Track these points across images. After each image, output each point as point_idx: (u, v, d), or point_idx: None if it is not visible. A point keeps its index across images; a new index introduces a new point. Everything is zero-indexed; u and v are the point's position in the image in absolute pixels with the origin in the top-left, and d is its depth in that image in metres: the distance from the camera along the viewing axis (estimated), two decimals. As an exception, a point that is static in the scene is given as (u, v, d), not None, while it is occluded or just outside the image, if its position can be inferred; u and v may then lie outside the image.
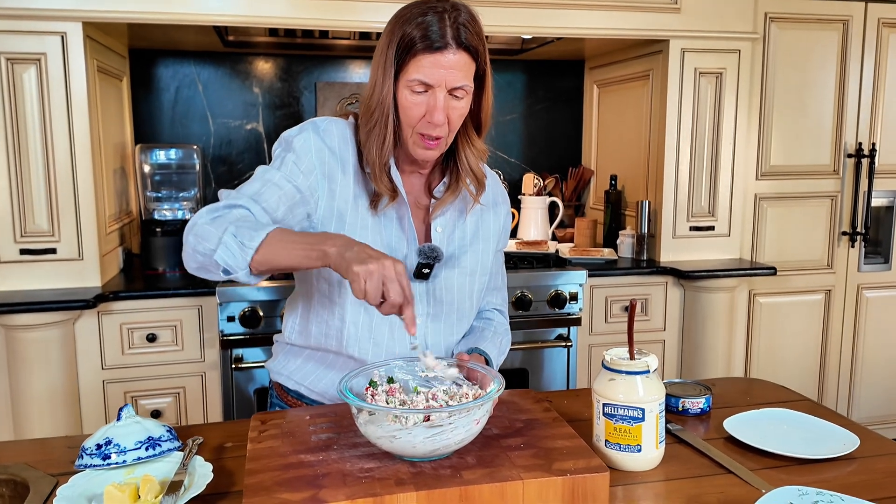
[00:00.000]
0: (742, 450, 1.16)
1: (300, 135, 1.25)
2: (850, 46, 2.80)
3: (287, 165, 1.22)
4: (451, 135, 1.25)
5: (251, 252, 1.07)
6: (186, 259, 1.15)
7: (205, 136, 2.96)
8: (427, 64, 1.16)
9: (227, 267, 1.08)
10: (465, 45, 1.17)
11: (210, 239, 1.09)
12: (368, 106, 1.23)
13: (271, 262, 1.08)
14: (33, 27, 2.13)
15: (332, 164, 1.25)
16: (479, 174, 1.32)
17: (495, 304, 1.50)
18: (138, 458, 1.02)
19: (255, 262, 1.08)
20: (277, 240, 1.07)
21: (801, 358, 2.94)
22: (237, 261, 1.07)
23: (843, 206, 2.91)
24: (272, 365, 1.42)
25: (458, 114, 1.21)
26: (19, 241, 2.19)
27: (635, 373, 1.07)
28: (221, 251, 1.07)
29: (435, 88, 1.17)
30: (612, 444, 1.08)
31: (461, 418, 0.98)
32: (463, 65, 1.17)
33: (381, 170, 1.24)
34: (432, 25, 1.15)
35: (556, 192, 3.23)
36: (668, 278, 2.67)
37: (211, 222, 1.11)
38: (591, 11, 2.51)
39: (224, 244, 1.07)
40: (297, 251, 1.06)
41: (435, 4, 1.18)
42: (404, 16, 1.19)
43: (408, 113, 1.20)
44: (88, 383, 2.25)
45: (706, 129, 2.69)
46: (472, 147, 1.29)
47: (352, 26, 2.37)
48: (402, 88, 1.19)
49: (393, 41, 1.18)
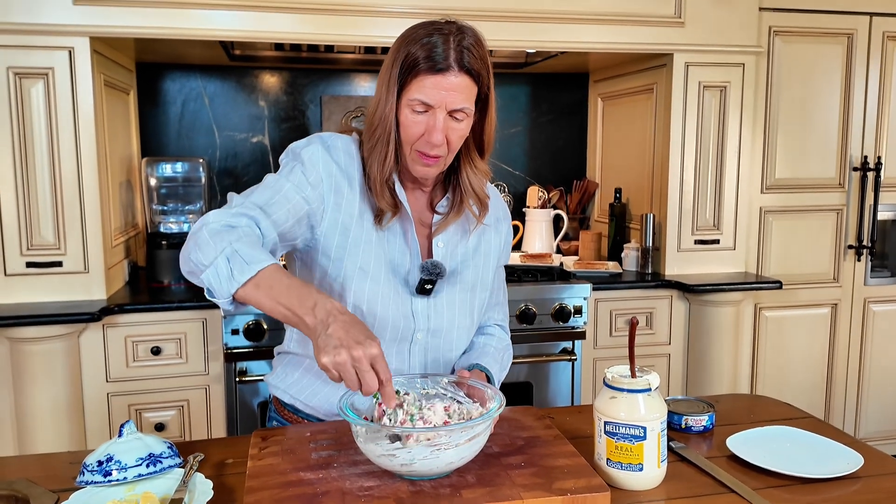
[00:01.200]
0: (745, 468, 1.15)
1: (308, 147, 1.26)
2: (854, 60, 2.79)
3: (296, 175, 1.22)
4: (451, 155, 1.25)
5: (237, 286, 1.05)
6: (182, 260, 1.14)
7: (211, 148, 2.98)
8: (429, 85, 1.17)
9: (211, 290, 1.07)
10: (467, 69, 1.18)
11: (206, 253, 1.07)
12: (371, 122, 1.24)
13: (253, 303, 1.07)
14: (41, 42, 2.15)
15: (338, 179, 1.25)
16: (481, 195, 1.32)
17: (496, 320, 1.49)
18: (139, 475, 1.02)
19: (239, 296, 1.07)
20: (266, 284, 1.05)
21: (808, 372, 2.93)
22: (222, 288, 1.06)
23: (849, 220, 2.90)
24: (270, 379, 1.42)
25: (457, 135, 1.22)
26: (25, 253, 2.21)
27: (637, 391, 1.07)
28: (211, 273, 1.06)
29: (435, 109, 1.18)
30: (613, 463, 1.07)
31: (461, 437, 0.97)
32: (464, 88, 1.18)
33: (383, 185, 1.24)
34: (437, 47, 1.16)
35: (560, 204, 3.23)
36: (673, 292, 2.66)
37: (214, 234, 1.09)
38: (596, 26, 2.52)
39: (216, 266, 1.06)
40: (278, 307, 1.05)
41: (441, 26, 1.20)
42: (410, 36, 1.20)
43: (407, 131, 1.21)
44: (93, 396, 2.26)
45: (710, 142, 2.69)
46: (474, 168, 1.30)
47: (356, 41, 2.38)
48: (404, 107, 1.20)
49: (397, 60, 1.19)
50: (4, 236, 2.19)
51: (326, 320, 1.02)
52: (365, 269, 1.26)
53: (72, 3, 2.16)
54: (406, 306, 1.28)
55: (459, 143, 1.24)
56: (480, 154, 1.30)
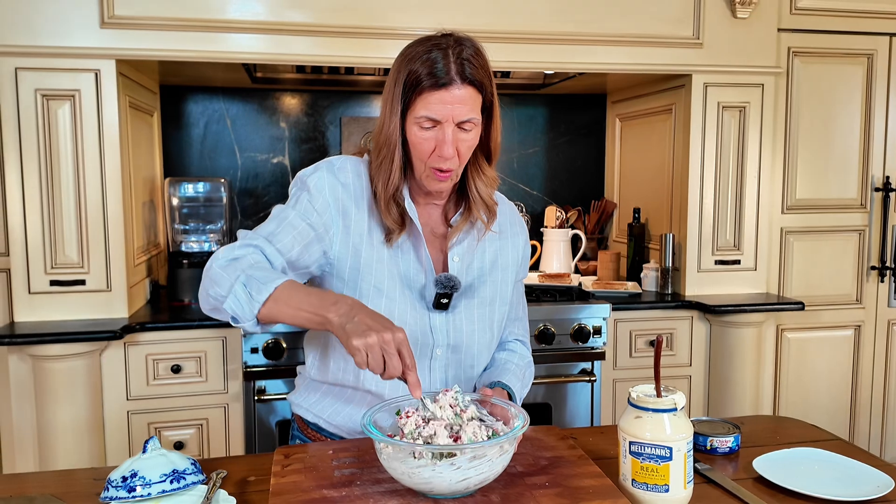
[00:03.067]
0: (772, 491, 1.14)
1: (314, 174, 1.28)
2: (875, 80, 2.78)
3: (302, 204, 1.25)
4: (462, 166, 1.26)
5: (258, 305, 1.09)
6: (201, 300, 1.18)
7: (232, 169, 3.02)
8: (434, 101, 1.18)
9: (235, 316, 1.11)
10: (469, 80, 1.19)
11: (222, 285, 1.12)
12: (377, 142, 1.26)
13: (276, 317, 1.10)
14: (68, 65, 2.20)
15: (345, 201, 1.27)
16: (489, 202, 1.33)
17: (517, 335, 1.49)
18: (163, 491, 1.02)
19: (262, 315, 1.10)
20: (285, 296, 1.09)
21: (832, 394, 2.88)
22: (244, 312, 1.10)
23: (872, 241, 2.87)
24: (293, 397, 1.43)
25: (466, 146, 1.23)
26: (49, 272, 2.23)
27: (662, 410, 1.06)
28: (231, 300, 1.10)
29: (443, 124, 1.19)
30: (639, 484, 1.06)
31: (484, 456, 0.97)
32: (469, 98, 1.19)
33: (389, 202, 1.25)
34: (437, 63, 1.18)
35: (578, 224, 3.22)
36: (694, 312, 2.64)
37: (225, 267, 1.14)
38: (615, 47, 2.53)
39: (234, 293, 1.10)
40: (300, 312, 1.08)
41: (439, 41, 1.21)
42: (409, 54, 1.22)
43: (418, 148, 1.22)
44: (113, 414, 2.27)
45: (730, 162, 2.68)
46: (482, 176, 1.31)
47: (378, 63, 2.41)
48: (411, 125, 1.21)
49: (399, 80, 1.21)
50: (29, 255, 2.22)
51: (350, 312, 1.05)
52: (379, 287, 1.26)
53: (98, 26, 2.21)
54: (424, 322, 1.28)
55: (469, 154, 1.25)
56: (488, 161, 1.31)
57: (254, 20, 2.29)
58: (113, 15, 2.20)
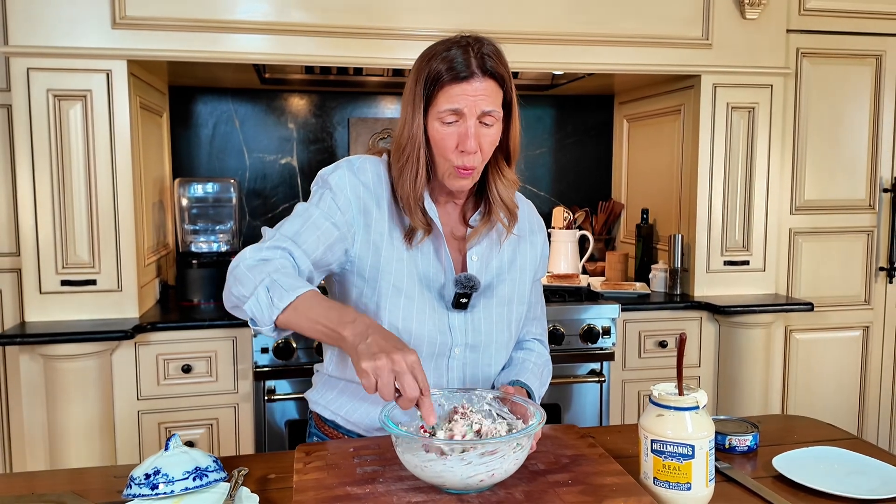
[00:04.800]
0: (792, 489, 1.14)
1: (335, 172, 1.28)
2: (883, 81, 2.78)
3: (325, 202, 1.25)
4: (483, 163, 1.26)
5: (277, 312, 1.09)
6: (225, 297, 1.19)
7: (241, 170, 3.02)
8: (456, 93, 1.19)
9: (254, 319, 1.11)
10: (490, 73, 1.20)
11: (246, 286, 1.12)
12: (399, 143, 1.26)
13: (293, 326, 1.10)
14: (80, 65, 2.20)
15: (367, 200, 1.27)
16: (510, 205, 1.33)
17: (535, 335, 1.49)
18: (186, 489, 1.02)
19: (280, 322, 1.10)
20: (305, 307, 1.09)
21: (840, 395, 2.88)
22: (264, 317, 1.10)
23: (881, 241, 2.87)
24: (311, 395, 1.43)
25: (488, 140, 1.23)
26: (61, 272, 2.24)
27: (684, 409, 1.06)
28: (252, 303, 1.11)
29: (465, 116, 1.20)
30: (661, 482, 1.06)
31: (496, 452, 0.97)
32: (491, 91, 1.20)
33: (416, 204, 1.25)
34: (457, 58, 1.19)
35: (585, 225, 3.22)
36: (703, 313, 2.64)
37: (252, 268, 1.14)
38: (624, 48, 2.53)
39: (256, 296, 1.10)
40: (317, 326, 1.08)
41: (458, 39, 1.23)
42: (429, 53, 1.23)
43: (440, 144, 1.22)
44: (124, 414, 2.27)
45: (739, 163, 2.68)
46: (502, 178, 1.31)
47: (386, 63, 2.41)
48: (433, 121, 1.22)
49: (420, 78, 1.22)
50: (41, 255, 2.22)
51: (365, 332, 1.04)
52: (399, 286, 1.26)
53: (110, 27, 2.21)
54: (443, 321, 1.29)
55: (491, 150, 1.25)
56: (507, 162, 1.31)
57: (265, 21, 2.29)
58: (125, 16, 2.21)
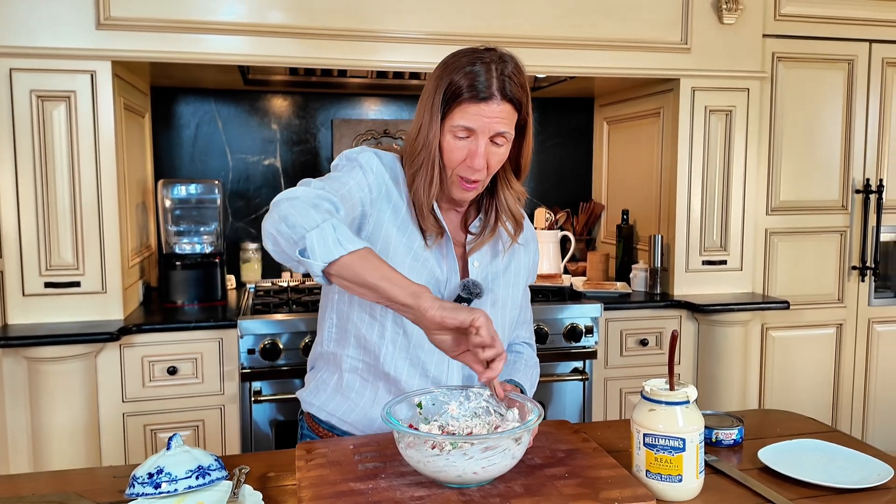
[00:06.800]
0: (777, 480, 1.18)
1: (363, 153, 1.29)
2: (855, 85, 2.87)
3: (356, 175, 1.25)
4: (489, 178, 1.29)
5: (343, 253, 1.04)
6: (270, 224, 1.10)
7: (223, 171, 3.01)
8: (472, 112, 1.20)
9: (311, 251, 1.04)
10: (509, 97, 1.21)
11: (309, 218, 1.06)
12: (414, 147, 1.27)
13: (354, 273, 1.05)
14: (64, 66, 2.19)
15: (390, 187, 1.29)
16: (517, 215, 1.37)
17: (524, 338, 1.52)
18: (189, 487, 1.03)
19: (339, 265, 1.04)
20: (373, 260, 1.06)
21: (815, 391, 2.96)
22: (326, 252, 1.04)
23: (853, 241, 2.95)
24: (304, 395, 1.44)
25: (496, 159, 1.26)
26: (44, 274, 2.22)
27: (675, 403, 1.09)
28: (316, 234, 1.04)
29: (478, 135, 1.22)
30: (653, 475, 1.09)
31: (497, 447, 0.99)
32: (506, 115, 1.22)
33: (429, 209, 1.28)
34: (480, 76, 1.20)
35: (567, 226, 3.27)
36: (683, 312, 2.69)
37: (313, 206, 1.08)
38: (605, 52, 2.57)
39: (322, 229, 1.04)
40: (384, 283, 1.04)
41: (483, 55, 1.23)
42: (453, 64, 1.24)
43: (449, 156, 1.25)
44: (109, 416, 2.26)
45: (717, 165, 2.74)
46: (510, 189, 1.34)
47: (370, 65, 2.43)
48: (446, 133, 1.24)
49: (440, 87, 1.23)
50: (24, 257, 2.20)
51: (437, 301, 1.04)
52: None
53: (94, 27, 2.20)
54: None
55: (498, 167, 1.28)
56: (517, 175, 1.35)
57: (251, 22, 2.29)
58: (109, 16, 2.20)
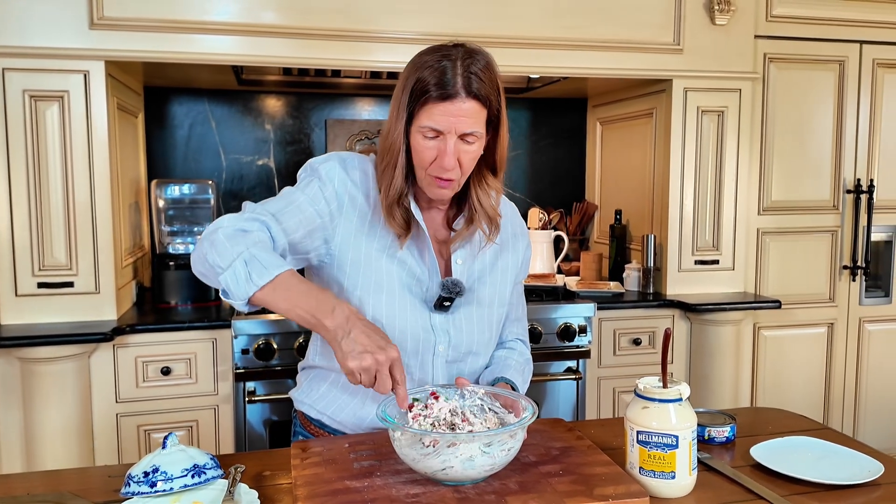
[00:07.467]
0: (769, 477, 1.19)
1: (326, 163, 1.29)
2: (846, 86, 2.89)
3: (312, 189, 1.26)
4: (465, 176, 1.27)
5: (255, 289, 1.10)
6: (195, 262, 1.18)
7: (217, 171, 3.01)
8: (438, 112, 1.19)
9: (228, 291, 1.12)
10: (475, 94, 1.19)
11: (224, 256, 1.12)
12: (383, 146, 1.28)
13: (270, 305, 1.12)
14: (57, 66, 2.18)
15: (354, 195, 1.29)
16: (492, 213, 1.33)
17: (517, 335, 1.52)
18: (185, 486, 1.04)
19: (255, 298, 1.12)
20: (284, 287, 1.11)
21: (806, 390, 2.97)
22: (239, 290, 1.11)
23: (844, 241, 2.97)
24: (296, 394, 1.44)
25: (469, 157, 1.24)
26: (37, 274, 2.21)
27: (668, 400, 1.10)
28: (229, 275, 1.11)
29: (445, 135, 1.20)
30: (646, 472, 1.10)
31: (494, 444, 1.00)
32: (473, 112, 1.20)
33: (391, 207, 1.26)
34: (445, 74, 1.18)
35: (560, 226, 3.28)
36: (675, 311, 2.71)
37: (231, 237, 1.14)
38: (598, 52, 2.59)
39: (234, 269, 1.11)
40: (296, 309, 1.10)
41: (450, 51, 1.22)
42: (419, 62, 1.23)
43: (420, 156, 1.24)
44: (102, 416, 2.25)
45: (709, 165, 2.76)
46: (485, 188, 1.32)
47: (364, 65, 2.43)
48: (415, 133, 1.22)
49: (407, 87, 1.22)
50: (17, 257, 2.20)
51: (346, 325, 1.08)
52: (380, 283, 1.28)
53: (88, 27, 2.19)
54: (425, 320, 1.31)
55: (472, 165, 1.26)
56: (493, 173, 1.32)
57: (244, 22, 2.29)
58: (102, 16, 2.19)
